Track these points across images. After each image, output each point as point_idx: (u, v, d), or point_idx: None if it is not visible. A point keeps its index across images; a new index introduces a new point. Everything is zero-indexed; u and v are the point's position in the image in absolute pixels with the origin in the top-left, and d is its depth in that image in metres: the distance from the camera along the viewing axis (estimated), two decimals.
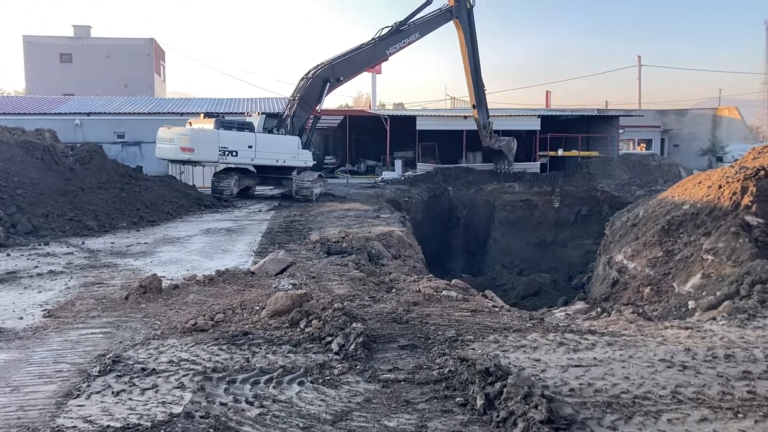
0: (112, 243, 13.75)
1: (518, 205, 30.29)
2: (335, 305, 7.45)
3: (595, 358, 6.15)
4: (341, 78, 25.73)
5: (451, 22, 28.09)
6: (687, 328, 7.37)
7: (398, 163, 35.13)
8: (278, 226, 16.94)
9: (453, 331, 6.98)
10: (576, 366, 5.96)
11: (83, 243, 13.62)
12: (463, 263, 28.21)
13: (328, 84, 25.10)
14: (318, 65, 25.15)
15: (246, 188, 24.75)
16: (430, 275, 11.21)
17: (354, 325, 6.82)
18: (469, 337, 6.83)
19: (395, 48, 26.51)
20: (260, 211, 20.56)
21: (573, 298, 19.25)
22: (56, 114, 31.26)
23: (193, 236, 14.85)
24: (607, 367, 5.90)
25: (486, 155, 37.86)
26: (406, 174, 33.45)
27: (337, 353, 6.39)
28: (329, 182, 28.48)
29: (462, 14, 28.05)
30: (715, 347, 6.47)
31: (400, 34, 26.32)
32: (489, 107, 31.50)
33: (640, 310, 8.06)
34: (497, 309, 8.29)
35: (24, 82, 51.71)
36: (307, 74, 25.13)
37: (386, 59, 27.44)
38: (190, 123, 22.56)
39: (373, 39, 26.06)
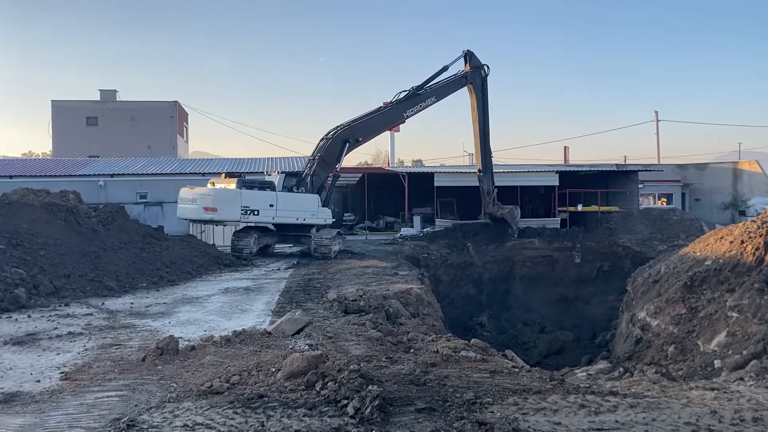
0: (132, 303, 13.83)
1: (539, 261, 30.08)
2: (351, 367, 7.37)
3: (617, 422, 5.97)
4: (360, 139, 26.30)
5: (465, 87, 28.80)
6: (713, 389, 7.16)
7: (417, 220, 35.23)
8: (296, 284, 16.95)
9: (471, 394, 6.84)
10: (597, 430, 5.79)
11: (103, 303, 13.72)
12: (484, 320, 27.78)
13: (348, 144, 25.62)
14: (338, 126, 25.72)
15: (265, 246, 24.92)
16: (449, 334, 11.07)
17: (370, 387, 6.72)
18: (487, 399, 6.69)
19: (412, 111, 27.21)
20: (279, 269, 20.64)
21: (597, 356, 18.84)
22: (81, 176, 32.03)
23: (211, 296, 14.89)
24: (629, 431, 5.73)
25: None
26: (424, 230, 33.50)
27: (352, 417, 6.28)
28: (348, 239, 28.58)
29: (476, 81, 28.81)
30: (743, 410, 6.26)
31: (417, 98, 27.05)
32: (504, 166, 31.77)
33: (664, 370, 7.86)
34: (517, 370, 8.13)
35: (51, 144, 53.17)
36: (327, 135, 25.68)
37: (403, 121, 28.21)
38: (213, 183, 22.95)
39: (391, 102, 26.72)
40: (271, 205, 22.71)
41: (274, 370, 7.80)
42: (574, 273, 30.04)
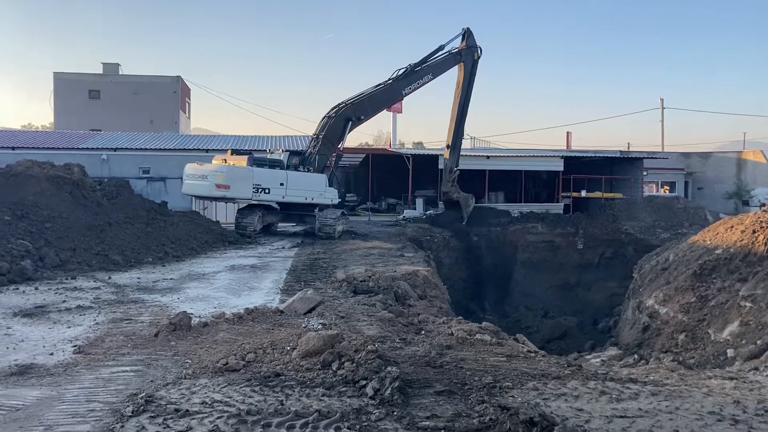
0: (139, 278, 13.76)
1: (541, 246, 30.07)
2: (368, 347, 7.31)
3: (640, 409, 5.93)
4: (362, 117, 26.13)
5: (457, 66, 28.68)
6: (731, 379, 7.12)
7: (419, 202, 35.13)
8: (302, 263, 16.88)
9: (490, 377, 6.80)
10: (621, 417, 5.75)
11: (110, 278, 13.64)
12: (485, 304, 27.82)
13: (350, 123, 25.44)
14: (339, 104, 25.52)
15: (269, 224, 24.81)
16: (460, 317, 11.03)
17: (389, 368, 6.66)
18: (507, 383, 6.64)
19: (410, 88, 27.13)
20: (283, 247, 20.56)
21: (600, 342, 18.87)
22: (84, 149, 31.78)
23: (218, 273, 14.82)
24: (653, 419, 5.68)
25: (507, 195, 37.93)
26: (427, 212, 33.40)
27: (372, 398, 6.23)
28: (350, 220, 28.49)
29: (467, 60, 28.66)
30: (766, 400, 6.22)
31: (414, 75, 26.96)
32: (508, 150, 31.57)
33: (681, 359, 7.81)
34: (533, 354, 8.09)
35: (52, 117, 52.81)
36: (329, 113, 25.47)
37: (402, 99, 28.13)
38: (225, 160, 22.73)
39: (389, 79, 26.55)
40: (281, 184, 22.59)
41: (289, 348, 7.74)
42: (577, 259, 30.07)
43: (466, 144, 66.84)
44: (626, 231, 30.53)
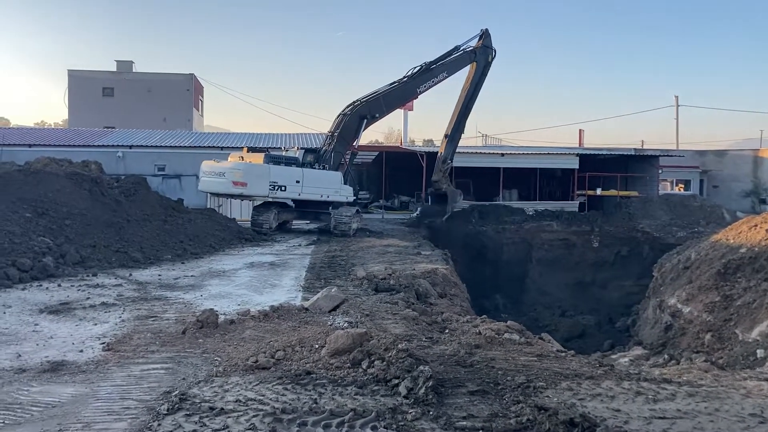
0: (159, 275, 13.78)
1: (556, 244, 29.92)
2: (399, 346, 7.27)
3: (678, 410, 5.86)
4: (377, 115, 26.09)
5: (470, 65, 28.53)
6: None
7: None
8: (320, 260, 16.87)
9: (523, 377, 6.74)
10: (660, 418, 5.68)
11: (130, 275, 13.68)
12: (500, 302, 27.71)
13: (365, 120, 25.42)
14: (354, 102, 25.50)
15: (283, 222, 24.84)
16: (484, 316, 10.97)
17: (421, 368, 6.62)
18: (540, 383, 6.58)
19: (425, 86, 27.01)
20: (300, 245, 20.57)
21: (618, 341, 18.76)
22: (99, 146, 31.94)
23: (238, 270, 14.84)
24: (694, 421, 5.61)
25: (521, 193, 37.78)
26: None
27: (405, 397, 6.19)
28: (364, 217, 28.45)
29: (480, 61, 28.47)
30: None
31: (429, 73, 26.83)
32: (523, 147, 31.35)
33: (713, 359, 7.73)
34: (563, 354, 8.02)
35: (66, 114, 53.08)
36: (344, 111, 25.45)
37: (416, 97, 28.01)
38: (242, 158, 22.76)
39: (404, 77, 26.49)
40: (298, 182, 22.61)
41: (317, 346, 7.72)
42: (592, 257, 29.90)
43: (478, 142, 66.71)
44: (642, 229, 30.33)
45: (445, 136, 29.84)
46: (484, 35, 28.51)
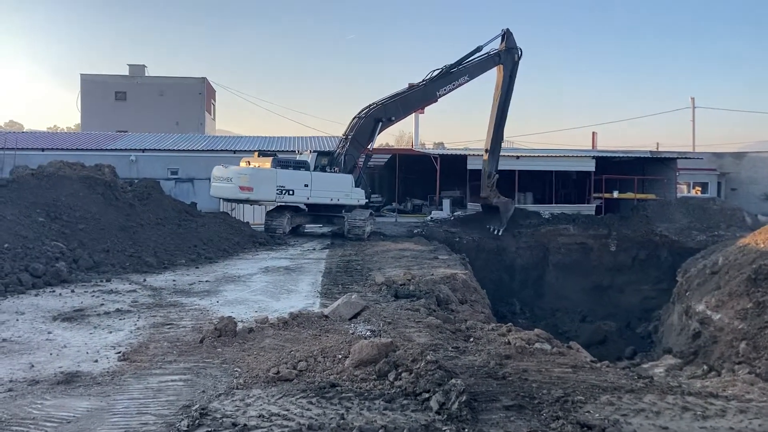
0: (174, 280, 13.52)
1: (573, 248, 29.40)
2: (427, 357, 6.93)
3: (731, 428, 5.48)
4: (392, 118, 25.71)
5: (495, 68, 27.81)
6: None
7: (446, 203, 34.65)
8: (336, 265, 16.57)
9: (560, 391, 6.39)
10: None
11: (145, 280, 13.42)
12: (517, 307, 27.28)
13: (380, 124, 25.07)
14: (370, 105, 25.17)
15: (297, 226, 24.58)
16: (510, 324, 10.59)
17: (453, 381, 6.27)
18: (579, 397, 6.23)
19: (445, 90, 26.36)
20: (314, 249, 20.29)
21: (640, 347, 18.30)
22: (112, 150, 31.79)
23: (253, 275, 14.55)
24: None
25: (536, 196, 37.31)
26: (455, 213, 32.93)
27: (438, 412, 5.85)
28: (377, 220, 28.11)
29: (507, 62, 27.66)
30: None
31: (450, 76, 26.20)
32: (539, 150, 30.71)
33: (758, 371, 7.33)
34: (598, 365, 7.65)
35: (79, 118, 53.14)
36: (359, 114, 25.14)
37: (435, 101, 27.20)
38: (249, 162, 22.55)
39: (423, 81, 26.03)
40: (306, 185, 22.34)
41: (340, 356, 7.40)
42: (609, 261, 29.34)
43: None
44: (660, 233, 29.75)
45: (485, 150, 28.96)
46: (506, 36, 27.44)
